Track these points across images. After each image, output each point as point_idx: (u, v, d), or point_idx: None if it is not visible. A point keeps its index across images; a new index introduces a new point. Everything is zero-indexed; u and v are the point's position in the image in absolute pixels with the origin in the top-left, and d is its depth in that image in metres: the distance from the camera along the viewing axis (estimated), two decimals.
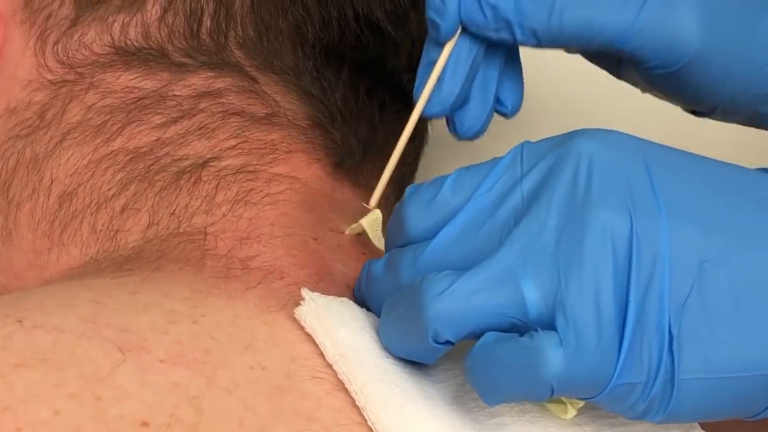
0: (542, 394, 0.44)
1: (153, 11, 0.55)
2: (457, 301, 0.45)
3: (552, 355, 0.43)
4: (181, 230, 0.53)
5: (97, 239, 0.53)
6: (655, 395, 0.44)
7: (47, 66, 0.55)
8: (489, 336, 0.45)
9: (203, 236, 0.52)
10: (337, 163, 0.57)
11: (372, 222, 0.54)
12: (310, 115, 0.56)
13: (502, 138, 0.59)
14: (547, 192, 0.45)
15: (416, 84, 0.53)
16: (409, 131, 0.53)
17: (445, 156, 0.59)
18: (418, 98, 0.52)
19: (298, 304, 0.49)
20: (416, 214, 0.48)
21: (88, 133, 0.55)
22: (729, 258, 0.44)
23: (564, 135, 0.47)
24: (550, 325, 0.44)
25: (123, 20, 0.55)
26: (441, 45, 0.52)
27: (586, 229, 0.44)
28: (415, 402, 0.47)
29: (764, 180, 0.47)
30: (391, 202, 0.60)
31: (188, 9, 0.55)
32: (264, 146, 0.55)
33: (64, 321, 0.45)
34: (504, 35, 0.51)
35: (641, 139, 0.47)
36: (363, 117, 0.58)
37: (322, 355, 0.47)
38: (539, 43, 0.51)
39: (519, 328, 0.45)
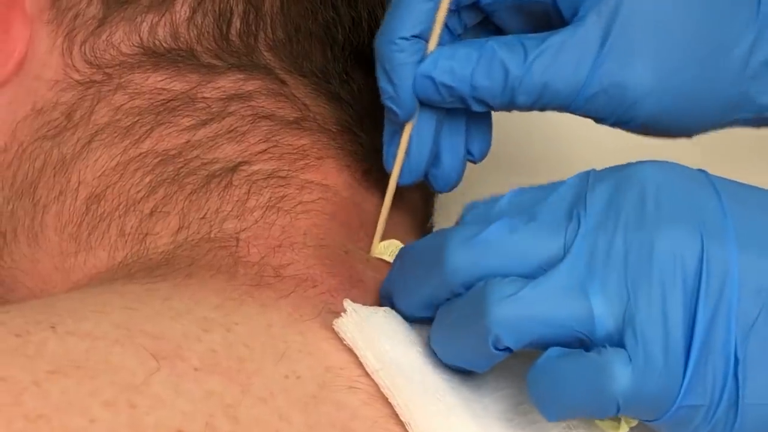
0: (607, 411, 0.44)
1: (182, 12, 0.54)
2: (522, 307, 0.44)
3: (620, 371, 0.43)
4: (212, 236, 0.52)
5: (126, 242, 0.53)
6: (718, 419, 0.44)
7: (74, 66, 0.54)
8: (553, 350, 0.45)
9: (235, 243, 0.51)
10: (367, 170, 0.56)
11: (394, 251, 0.53)
12: (339, 120, 0.56)
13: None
14: (614, 207, 0.45)
15: (384, 156, 0.54)
16: (389, 201, 0.54)
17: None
18: (389, 170, 0.54)
19: (332, 312, 0.48)
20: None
21: (116, 134, 0.54)
22: None
23: (627, 164, 0.47)
24: (617, 343, 0.44)
25: (151, 20, 0.54)
26: (401, 125, 0.53)
27: (656, 247, 0.44)
28: (460, 416, 0.46)
29: None
30: (419, 209, 0.59)
31: (217, 10, 0.54)
32: (295, 151, 0.54)
33: (97, 327, 0.44)
34: (458, 106, 0.52)
35: (702, 170, 0.47)
36: None
37: (357, 364, 0.47)
38: (492, 110, 0.52)
39: (582, 343, 0.45)
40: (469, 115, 0.54)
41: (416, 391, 0.46)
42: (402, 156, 0.53)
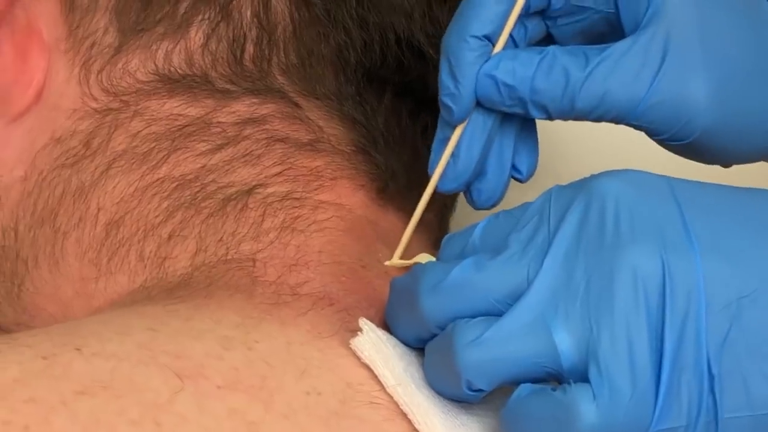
0: None
1: (196, 38, 0.55)
2: (488, 351, 0.45)
3: (585, 409, 0.43)
4: (229, 257, 0.53)
5: (145, 267, 0.53)
6: None
7: (92, 94, 0.55)
8: (524, 389, 0.45)
9: (252, 263, 0.52)
10: (382, 188, 0.57)
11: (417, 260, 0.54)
12: (353, 140, 0.56)
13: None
14: (574, 230, 0.45)
15: (431, 160, 0.53)
16: (423, 205, 0.53)
17: None
18: (432, 174, 0.53)
19: (350, 330, 0.49)
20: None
21: (133, 161, 0.55)
22: None
23: (589, 177, 0.47)
24: (584, 375, 0.44)
25: (167, 47, 0.55)
26: (454, 126, 0.52)
27: (616, 272, 0.44)
28: None
29: None
30: (434, 227, 0.60)
31: (231, 35, 0.55)
32: (309, 173, 0.55)
33: (121, 348, 0.45)
34: (517, 110, 0.51)
35: (667, 177, 0.47)
36: (406, 140, 0.58)
37: (376, 380, 0.47)
38: (550, 117, 0.51)
39: (554, 376, 0.45)
40: (519, 128, 0.54)
41: (433, 408, 0.47)
42: (447, 158, 0.52)
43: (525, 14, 0.52)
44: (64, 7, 0.55)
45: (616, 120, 0.51)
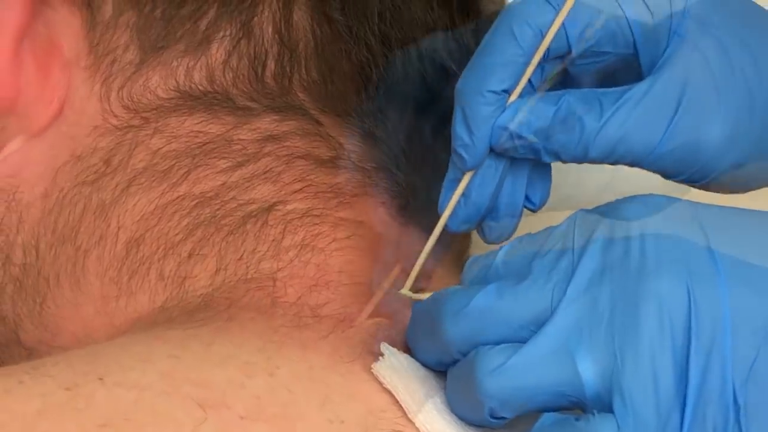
0: None
1: (217, 55, 0.55)
2: (511, 380, 0.45)
3: None
4: (249, 276, 0.52)
5: (165, 286, 0.53)
6: None
7: (112, 111, 0.55)
8: (546, 418, 0.45)
9: (272, 283, 0.52)
10: (402, 206, 0.57)
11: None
12: (374, 157, 0.56)
13: None
14: (598, 258, 0.45)
15: (440, 199, 0.53)
16: (432, 244, 0.53)
17: None
18: (442, 213, 0.53)
19: (372, 353, 0.49)
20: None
21: (154, 178, 0.54)
22: None
23: (614, 202, 0.47)
24: (608, 405, 0.43)
25: (187, 64, 0.54)
26: (464, 172, 0.52)
27: (641, 301, 0.44)
28: None
29: None
30: (458, 239, 0.60)
31: (252, 52, 0.55)
32: (329, 190, 0.55)
33: (143, 377, 0.45)
34: (530, 157, 0.51)
35: (692, 202, 0.46)
36: (426, 157, 0.57)
37: (398, 406, 0.47)
38: (564, 162, 0.51)
39: (577, 405, 0.45)
40: (532, 164, 0.54)
41: None
42: (454, 202, 0.52)
43: (543, 60, 0.51)
44: (85, 22, 0.55)
45: (630, 165, 0.51)
